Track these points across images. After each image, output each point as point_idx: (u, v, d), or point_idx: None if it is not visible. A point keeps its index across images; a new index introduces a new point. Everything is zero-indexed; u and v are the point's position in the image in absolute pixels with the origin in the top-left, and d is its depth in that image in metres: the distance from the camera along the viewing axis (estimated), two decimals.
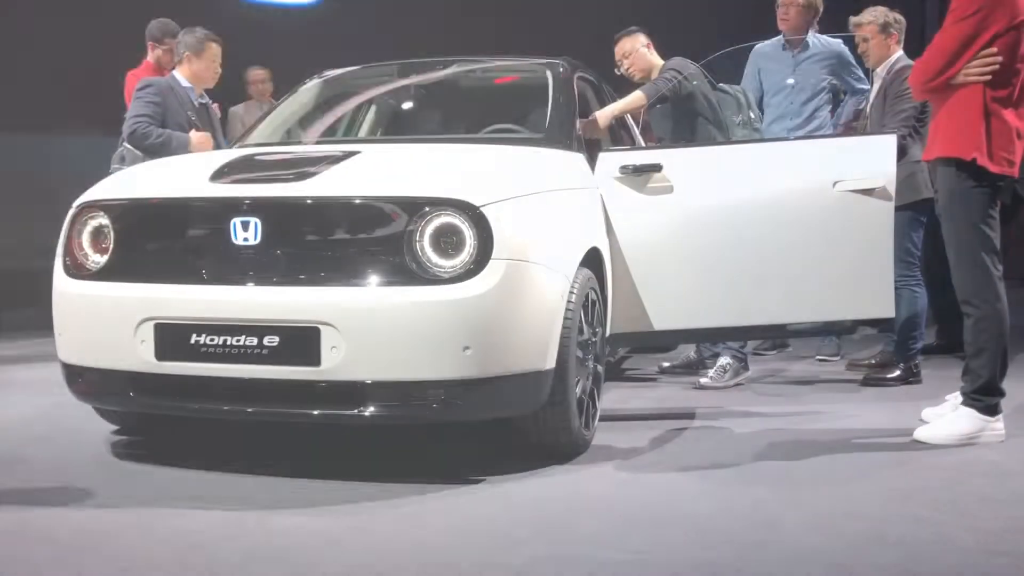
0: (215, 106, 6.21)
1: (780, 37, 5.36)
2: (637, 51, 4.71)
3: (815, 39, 5.29)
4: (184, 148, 4.46)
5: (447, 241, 2.94)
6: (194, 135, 4.52)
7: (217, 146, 4.68)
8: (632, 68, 4.72)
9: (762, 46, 5.38)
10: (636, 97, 4.40)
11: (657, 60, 4.71)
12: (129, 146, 4.54)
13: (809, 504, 2.79)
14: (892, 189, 3.80)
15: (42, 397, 4.29)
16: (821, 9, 5.30)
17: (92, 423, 3.70)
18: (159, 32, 5.49)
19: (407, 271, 2.91)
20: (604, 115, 4.31)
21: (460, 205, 2.94)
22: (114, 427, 3.66)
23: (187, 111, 4.60)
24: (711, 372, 4.69)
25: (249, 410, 3.03)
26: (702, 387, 4.60)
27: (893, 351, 4.84)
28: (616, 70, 4.78)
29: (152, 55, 5.53)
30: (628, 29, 4.78)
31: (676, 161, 3.81)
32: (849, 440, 3.59)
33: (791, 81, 5.28)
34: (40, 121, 7.69)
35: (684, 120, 4.63)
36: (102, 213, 3.21)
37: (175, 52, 4.82)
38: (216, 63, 4.75)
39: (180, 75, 4.73)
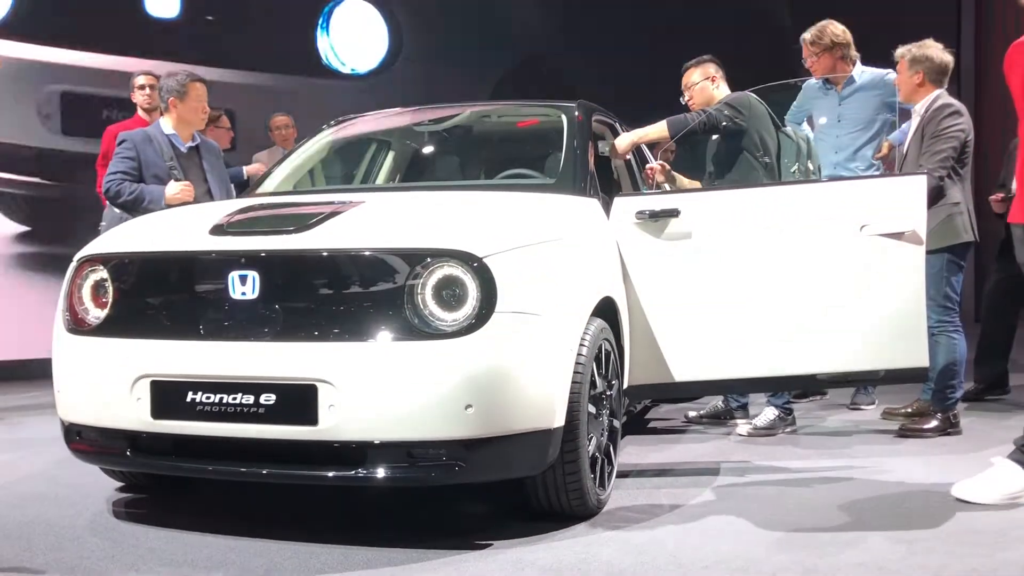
0: (225, 121, 6.08)
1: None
2: (699, 83, 4.56)
3: (860, 72, 5.07)
4: (159, 201, 4.34)
5: (449, 294, 2.82)
6: (172, 185, 4.38)
7: (215, 190, 4.56)
8: (692, 101, 4.59)
9: (810, 83, 5.23)
10: (659, 128, 4.28)
11: (718, 95, 4.53)
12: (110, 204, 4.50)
13: (834, 574, 2.60)
14: (923, 232, 3.62)
15: (50, 451, 4.22)
16: (850, 39, 5.05)
17: (97, 480, 3.62)
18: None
19: (408, 325, 2.80)
20: (624, 141, 4.25)
21: (462, 256, 2.82)
22: (118, 484, 3.59)
23: (166, 161, 4.46)
24: (757, 421, 4.53)
25: (264, 472, 2.91)
26: (746, 436, 4.47)
27: (930, 400, 4.61)
28: (680, 99, 4.65)
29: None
30: (699, 58, 4.64)
31: (694, 206, 3.67)
32: (881, 499, 3.38)
33: (836, 118, 5.12)
34: None
35: (727, 156, 4.47)
36: (102, 267, 3.15)
37: (160, 100, 4.67)
38: (202, 103, 4.58)
39: (165, 122, 4.60)
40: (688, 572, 2.64)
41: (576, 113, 4.09)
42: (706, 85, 4.56)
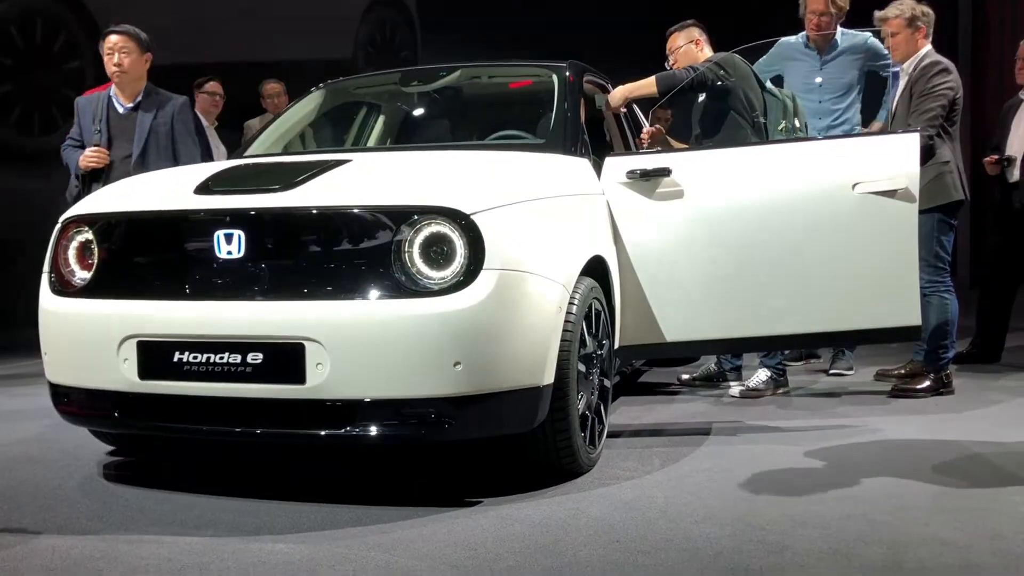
0: (213, 86, 5.85)
1: (803, 35, 5.15)
2: (684, 47, 4.55)
3: (841, 35, 5.07)
4: (76, 167, 4.34)
5: (437, 251, 2.80)
6: (86, 152, 4.33)
7: (145, 152, 4.35)
8: (676, 64, 4.56)
9: (787, 42, 5.18)
10: (648, 82, 4.29)
11: (702, 58, 4.50)
12: None
13: (823, 528, 2.60)
14: (916, 190, 3.60)
15: (41, 417, 4.21)
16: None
17: (88, 444, 3.61)
18: None
19: (395, 283, 2.77)
20: (617, 94, 4.30)
21: (450, 213, 2.79)
22: (108, 447, 3.58)
23: (94, 124, 4.37)
24: (749, 382, 4.52)
25: (258, 432, 2.90)
26: (740, 397, 4.47)
27: (923, 360, 4.60)
28: (665, 64, 4.63)
29: None
30: (682, 23, 4.63)
31: (686, 165, 3.64)
32: (872, 457, 3.38)
33: (819, 80, 5.09)
34: None
35: (715, 116, 4.45)
36: (87, 228, 3.12)
37: None
38: (111, 56, 4.36)
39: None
40: (678, 526, 2.64)
41: (567, 73, 4.05)
42: (690, 48, 4.54)
